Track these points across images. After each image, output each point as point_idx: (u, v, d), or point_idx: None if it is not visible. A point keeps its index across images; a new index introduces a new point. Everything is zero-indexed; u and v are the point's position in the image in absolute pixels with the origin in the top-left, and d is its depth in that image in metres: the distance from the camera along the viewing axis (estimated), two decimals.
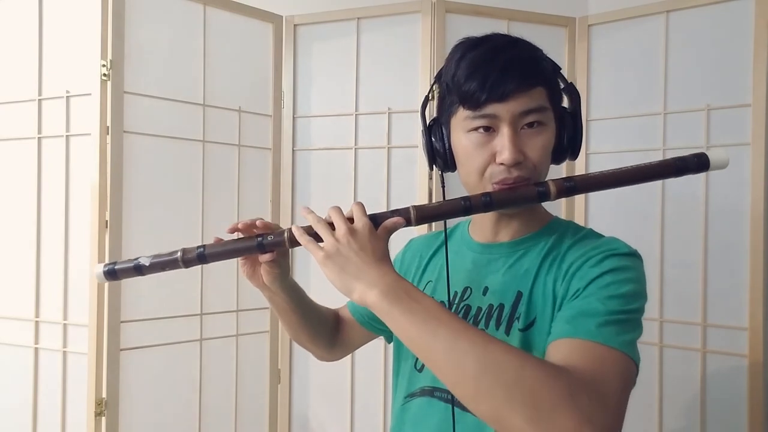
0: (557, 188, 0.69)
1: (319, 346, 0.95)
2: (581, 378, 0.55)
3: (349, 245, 0.66)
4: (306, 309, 0.89)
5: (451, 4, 1.69)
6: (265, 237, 0.74)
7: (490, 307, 0.76)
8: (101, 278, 0.79)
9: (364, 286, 0.64)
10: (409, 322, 0.60)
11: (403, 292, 0.63)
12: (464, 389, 0.56)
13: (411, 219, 0.70)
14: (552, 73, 0.73)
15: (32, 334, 1.53)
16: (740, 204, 1.52)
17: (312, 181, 1.80)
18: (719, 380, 1.54)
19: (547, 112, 0.71)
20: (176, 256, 0.76)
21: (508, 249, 0.78)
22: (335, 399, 1.77)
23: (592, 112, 1.75)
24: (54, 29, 1.53)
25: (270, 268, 0.80)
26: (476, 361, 0.55)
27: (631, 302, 0.64)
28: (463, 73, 0.70)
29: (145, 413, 1.53)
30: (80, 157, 1.49)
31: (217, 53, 1.67)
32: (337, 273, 0.66)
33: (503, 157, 0.68)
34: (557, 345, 0.61)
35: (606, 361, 0.58)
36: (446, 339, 0.57)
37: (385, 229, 0.69)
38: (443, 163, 0.78)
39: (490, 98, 0.68)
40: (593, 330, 0.60)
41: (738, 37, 1.53)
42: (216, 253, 0.76)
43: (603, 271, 0.66)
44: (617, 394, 0.56)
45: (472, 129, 0.71)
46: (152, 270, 0.77)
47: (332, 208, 0.70)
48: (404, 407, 0.83)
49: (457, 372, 0.56)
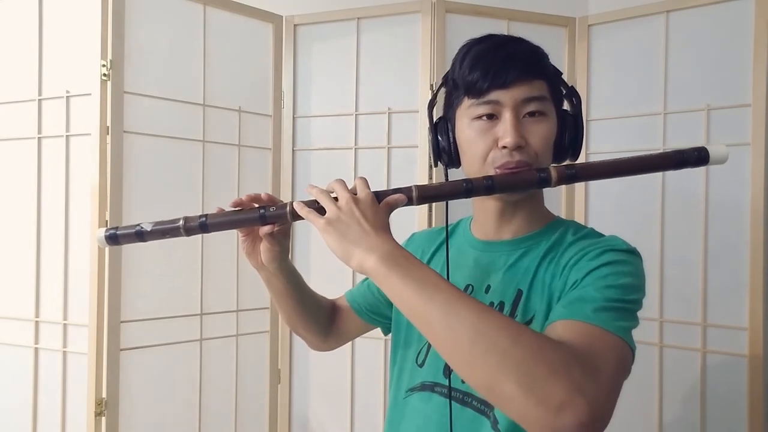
0: (559, 174, 0.70)
1: (312, 333, 0.96)
2: (576, 351, 0.55)
3: (351, 212, 0.66)
4: (302, 294, 0.90)
5: (451, 4, 1.69)
6: (267, 209, 0.74)
7: (491, 304, 0.76)
8: (102, 243, 0.78)
9: (363, 252, 0.64)
10: (407, 286, 0.60)
11: (402, 257, 0.63)
12: (459, 355, 0.56)
13: (413, 198, 0.71)
14: (553, 74, 0.76)
15: (32, 334, 1.53)
16: (740, 203, 1.52)
17: (312, 181, 1.80)
18: (719, 380, 1.54)
19: (548, 103, 0.73)
20: (178, 224, 0.75)
21: (509, 247, 0.79)
22: (335, 399, 1.77)
23: (592, 112, 1.75)
24: (54, 29, 1.53)
25: (270, 245, 0.80)
26: (471, 327, 0.55)
27: (628, 293, 0.64)
28: (467, 65, 0.72)
29: (145, 413, 1.53)
30: (80, 157, 1.49)
31: (217, 53, 1.68)
32: (338, 239, 0.66)
33: (506, 140, 0.70)
34: (552, 326, 0.62)
35: (601, 340, 0.59)
36: (443, 304, 0.57)
37: (386, 204, 0.70)
38: (448, 158, 0.79)
39: (493, 85, 0.70)
40: (589, 313, 0.61)
41: (738, 37, 1.53)
42: (218, 222, 0.75)
43: (601, 263, 0.66)
44: (611, 371, 0.56)
45: (476, 117, 0.72)
46: (153, 236, 0.77)
47: (335, 180, 0.71)
48: (405, 401, 0.83)
49: (452, 337, 0.56)
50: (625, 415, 1.63)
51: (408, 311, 0.60)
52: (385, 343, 1.71)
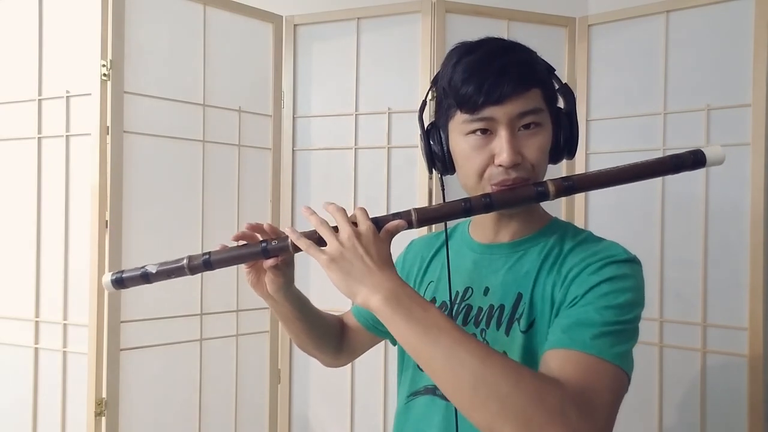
0: (556, 188, 0.70)
1: (325, 353, 0.96)
2: (573, 392, 0.57)
3: (354, 249, 0.66)
4: (311, 318, 0.89)
5: (451, 4, 1.69)
6: (269, 242, 0.74)
7: (491, 307, 0.76)
8: (109, 287, 0.79)
9: (368, 291, 0.64)
10: (411, 329, 0.61)
11: (407, 297, 0.63)
12: (460, 399, 0.57)
13: (413, 222, 0.71)
14: (547, 75, 0.75)
15: (32, 334, 1.53)
16: (740, 204, 1.52)
17: (312, 181, 1.80)
18: (719, 380, 1.54)
19: (543, 114, 0.72)
20: (182, 264, 0.76)
21: (508, 249, 0.79)
22: (335, 399, 1.77)
23: (592, 112, 1.75)
24: (54, 29, 1.53)
25: (274, 276, 0.80)
26: (473, 372, 0.56)
27: (627, 312, 0.65)
28: (459, 77, 0.71)
29: (145, 413, 1.53)
30: (80, 157, 1.49)
31: (217, 53, 1.67)
32: (342, 277, 0.66)
33: (501, 159, 0.69)
34: (553, 354, 0.63)
35: (598, 374, 0.60)
36: (446, 348, 0.58)
37: (387, 232, 0.69)
38: (442, 166, 0.79)
39: (487, 101, 0.69)
40: (588, 342, 0.61)
41: (738, 37, 1.53)
42: (221, 259, 0.76)
43: (602, 279, 0.67)
44: (607, 407, 0.58)
45: (470, 132, 0.72)
46: (159, 277, 0.78)
47: (335, 209, 0.70)
48: (408, 405, 0.83)
49: (454, 381, 0.57)
50: (625, 416, 1.62)
51: (412, 352, 0.61)
52: (385, 343, 1.71)
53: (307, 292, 0.91)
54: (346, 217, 0.69)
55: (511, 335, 0.73)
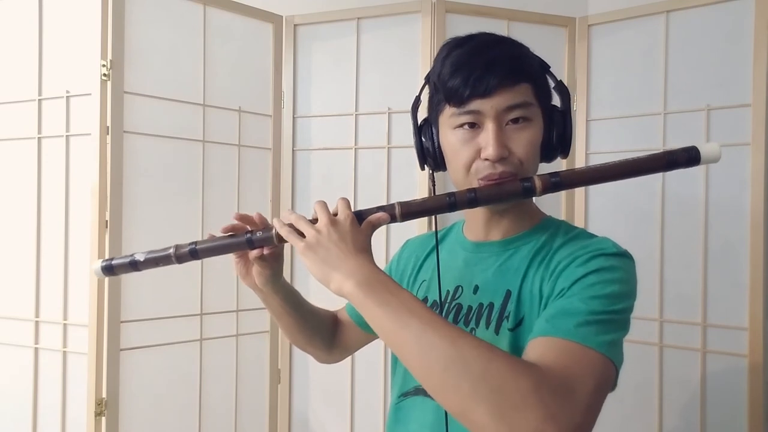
0: (543, 183, 0.69)
1: (317, 349, 0.96)
2: (551, 375, 0.55)
3: (329, 235, 0.66)
4: (302, 311, 0.89)
5: (451, 4, 1.69)
6: (254, 233, 0.75)
7: (480, 305, 0.76)
8: (99, 273, 0.80)
9: (341, 276, 0.64)
10: (383, 312, 0.60)
11: (379, 283, 0.63)
12: (431, 381, 0.56)
13: (396, 215, 0.71)
14: (539, 71, 0.73)
15: (32, 334, 1.53)
16: (740, 204, 1.52)
17: (312, 181, 1.80)
18: (719, 380, 1.54)
19: (533, 108, 0.71)
20: (169, 252, 0.77)
21: (498, 248, 0.78)
22: (335, 399, 1.77)
23: (592, 112, 1.75)
24: (54, 29, 1.53)
25: (261, 268, 0.80)
26: (444, 353, 0.55)
27: (615, 303, 0.63)
28: (447, 70, 0.70)
29: (145, 413, 1.53)
30: (80, 157, 1.49)
31: (217, 53, 1.68)
32: (316, 263, 0.66)
33: (487, 153, 0.68)
34: (534, 343, 0.61)
35: (580, 360, 0.58)
36: (416, 330, 0.57)
37: (368, 224, 0.69)
38: (433, 162, 0.78)
39: (474, 94, 0.68)
40: (571, 329, 0.60)
41: (738, 37, 1.53)
42: (207, 248, 0.76)
43: (588, 270, 0.65)
44: (588, 394, 0.55)
45: (457, 126, 0.71)
46: (147, 265, 0.78)
47: (317, 202, 0.71)
48: (398, 406, 0.83)
49: (425, 364, 0.56)
50: (625, 416, 1.63)
51: (384, 336, 0.61)
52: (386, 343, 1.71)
53: (307, 292, 0.91)
54: (326, 208, 0.70)
55: (500, 334, 0.72)
